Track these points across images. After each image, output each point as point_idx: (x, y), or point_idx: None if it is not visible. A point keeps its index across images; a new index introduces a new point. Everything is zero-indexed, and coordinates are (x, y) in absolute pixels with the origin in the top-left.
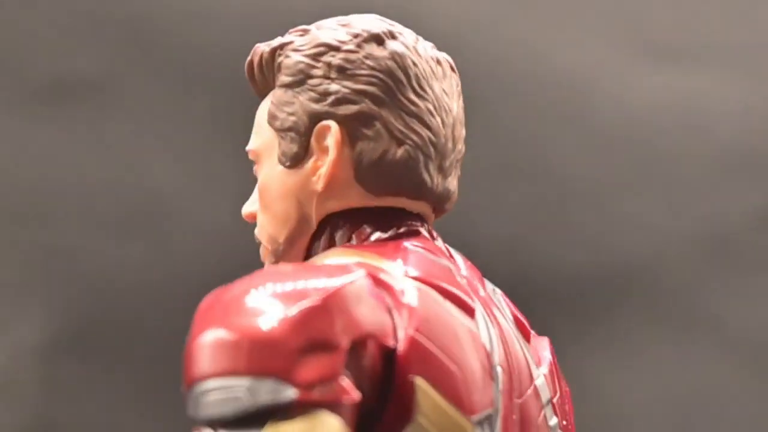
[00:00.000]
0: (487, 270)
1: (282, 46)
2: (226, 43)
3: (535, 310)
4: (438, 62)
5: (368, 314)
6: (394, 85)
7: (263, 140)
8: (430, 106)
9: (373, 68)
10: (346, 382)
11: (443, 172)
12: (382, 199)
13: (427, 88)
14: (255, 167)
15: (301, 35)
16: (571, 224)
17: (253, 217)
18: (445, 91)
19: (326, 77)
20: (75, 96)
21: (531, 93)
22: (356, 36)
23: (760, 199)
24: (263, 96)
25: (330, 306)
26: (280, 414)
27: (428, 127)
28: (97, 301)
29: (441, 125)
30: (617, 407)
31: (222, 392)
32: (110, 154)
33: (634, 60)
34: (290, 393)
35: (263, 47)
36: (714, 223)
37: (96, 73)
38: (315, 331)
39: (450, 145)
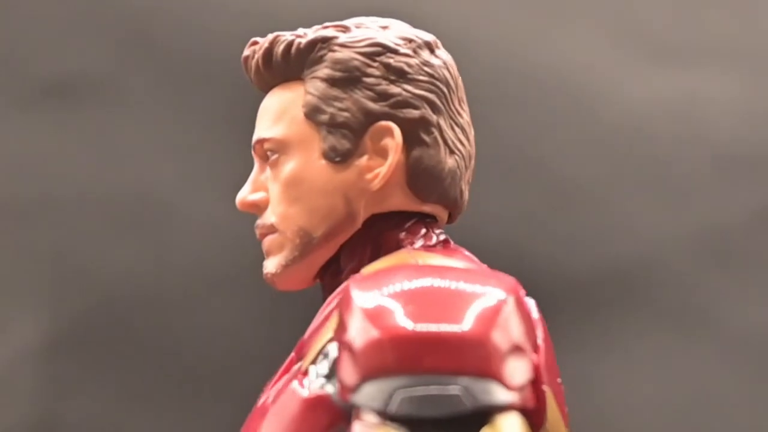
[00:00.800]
0: None
1: (324, 40)
2: (226, 42)
3: None
4: None
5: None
6: (448, 94)
7: (293, 131)
8: (467, 118)
9: (431, 75)
10: (529, 387)
11: (468, 184)
12: (425, 206)
13: (464, 101)
14: (274, 157)
15: (343, 31)
16: (569, 224)
17: (254, 205)
18: None
19: (384, 78)
20: (74, 96)
21: (530, 93)
22: (410, 41)
23: (760, 199)
24: (268, 86)
25: (517, 312)
26: (492, 416)
27: (468, 139)
28: (97, 301)
29: (472, 138)
30: (617, 408)
31: (431, 389)
32: (110, 153)
33: (634, 60)
34: (506, 396)
35: (290, 37)
36: (714, 223)
37: (96, 73)
38: (514, 336)
39: (474, 158)
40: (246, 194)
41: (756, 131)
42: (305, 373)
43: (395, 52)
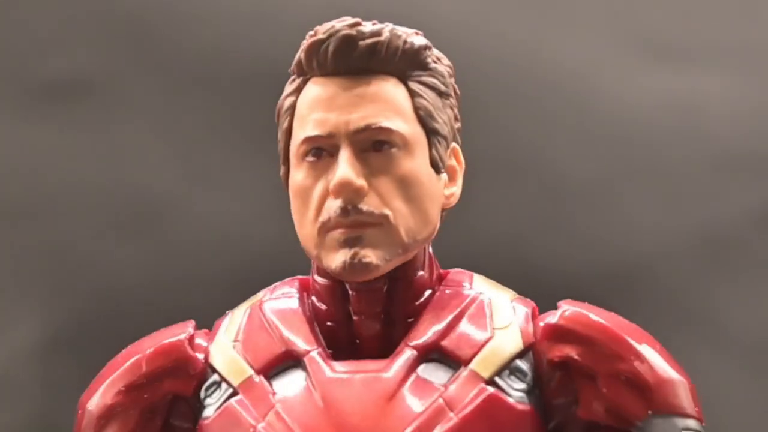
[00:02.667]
0: (486, 270)
1: (429, 48)
2: (227, 43)
3: None
4: None
5: None
6: None
7: (411, 130)
8: None
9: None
10: None
11: None
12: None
13: None
14: (390, 149)
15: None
16: (569, 224)
17: (358, 191)
18: None
19: (456, 101)
20: (74, 96)
21: (530, 92)
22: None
23: (760, 199)
24: (348, 70)
25: None
26: None
27: None
28: (97, 301)
29: None
30: None
31: None
32: (110, 153)
33: (634, 60)
34: None
35: (401, 33)
36: (714, 223)
37: (96, 73)
38: None
39: None
40: (355, 177)
41: (757, 131)
42: (490, 382)
43: (453, 76)
